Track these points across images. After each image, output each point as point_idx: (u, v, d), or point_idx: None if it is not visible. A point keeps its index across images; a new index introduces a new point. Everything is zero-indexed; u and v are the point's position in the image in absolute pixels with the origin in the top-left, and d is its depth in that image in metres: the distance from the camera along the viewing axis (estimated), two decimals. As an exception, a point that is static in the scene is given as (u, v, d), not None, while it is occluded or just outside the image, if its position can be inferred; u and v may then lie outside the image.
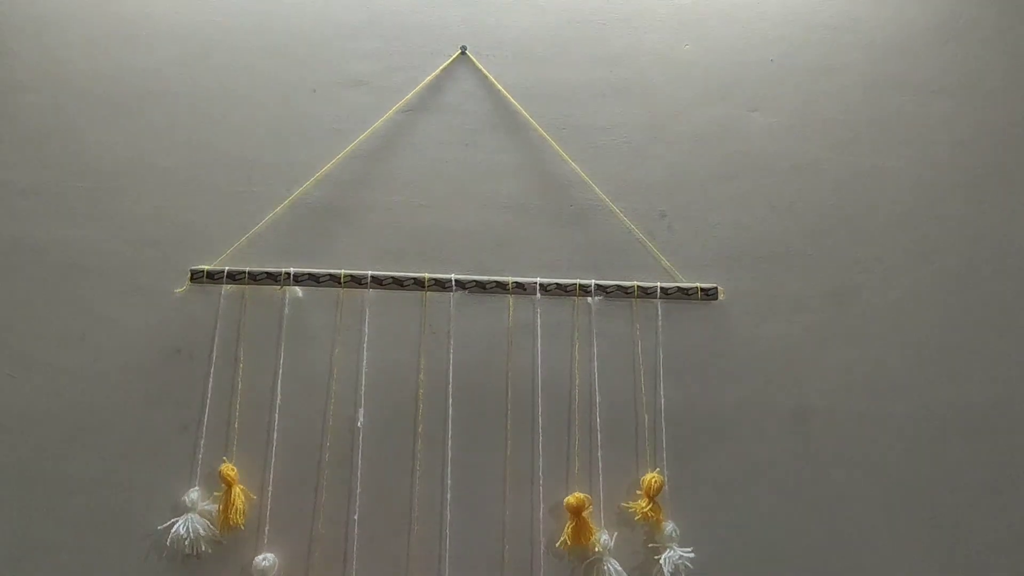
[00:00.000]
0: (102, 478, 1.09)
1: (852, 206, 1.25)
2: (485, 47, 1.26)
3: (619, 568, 1.08)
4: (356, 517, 1.10)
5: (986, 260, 1.24)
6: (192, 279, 1.15)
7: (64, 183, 1.18)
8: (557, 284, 1.17)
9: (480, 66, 1.25)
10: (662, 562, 1.08)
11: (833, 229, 1.24)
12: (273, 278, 1.15)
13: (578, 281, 1.17)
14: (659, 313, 1.18)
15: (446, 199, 1.21)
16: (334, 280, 1.16)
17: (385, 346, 1.16)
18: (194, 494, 1.08)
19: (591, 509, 1.11)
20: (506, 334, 1.17)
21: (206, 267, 1.15)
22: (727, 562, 1.12)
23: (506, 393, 1.15)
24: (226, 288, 1.16)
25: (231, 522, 1.07)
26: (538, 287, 1.17)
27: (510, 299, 1.17)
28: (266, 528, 1.09)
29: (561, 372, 1.16)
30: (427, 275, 1.16)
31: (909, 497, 1.16)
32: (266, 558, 1.07)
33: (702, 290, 1.18)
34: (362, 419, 1.13)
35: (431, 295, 1.17)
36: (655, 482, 1.11)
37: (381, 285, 1.16)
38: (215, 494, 1.09)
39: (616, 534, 1.11)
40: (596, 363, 1.16)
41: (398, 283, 1.16)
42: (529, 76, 1.25)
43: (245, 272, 1.15)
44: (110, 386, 1.12)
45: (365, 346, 1.15)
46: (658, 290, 1.18)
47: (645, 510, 1.10)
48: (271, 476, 1.10)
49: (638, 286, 1.17)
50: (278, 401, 1.13)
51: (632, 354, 1.17)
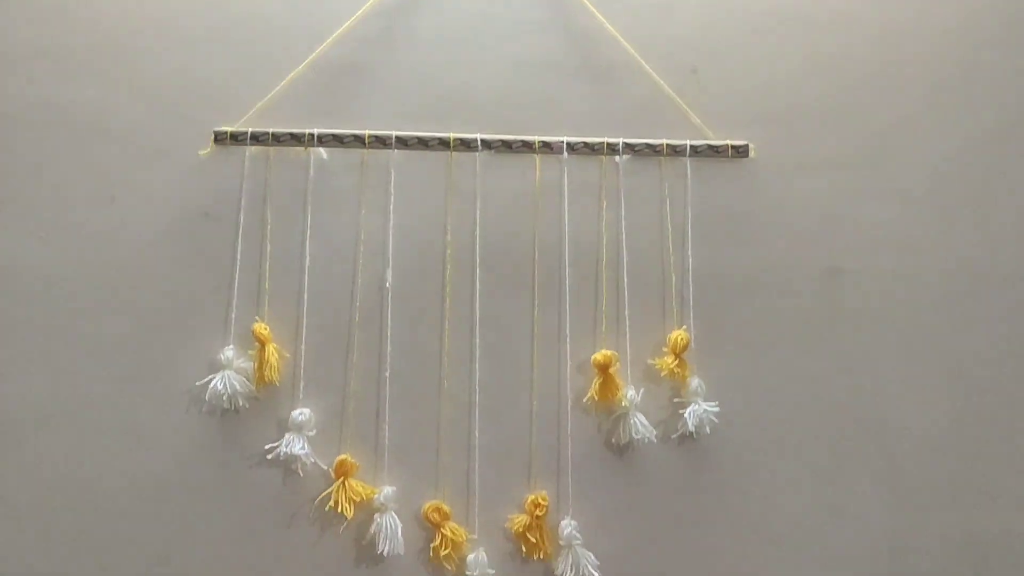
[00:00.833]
0: (139, 337, 1.12)
1: (891, 62, 1.20)
2: None
3: (645, 422, 1.10)
4: (387, 375, 1.12)
5: (1028, 116, 1.20)
6: (216, 141, 1.14)
7: (85, 44, 1.16)
8: (584, 143, 1.15)
9: (504, -85, 1.19)
10: (686, 416, 1.10)
11: (870, 85, 1.20)
12: (297, 139, 1.14)
13: (606, 139, 1.15)
14: (688, 171, 1.16)
15: (471, 57, 1.18)
16: (358, 141, 1.14)
17: (411, 207, 1.15)
18: (229, 352, 1.11)
19: (618, 366, 1.12)
20: (533, 194, 1.15)
21: (229, 129, 1.13)
22: (751, 416, 1.13)
23: (533, 253, 1.15)
24: (250, 150, 1.15)
25: (266, 379, 1.10)
26: (565, 146, 1.15)
27: (537, 159, 1.15)
28: (301, 384, 1.11)
29: (588, 232, 1.15)
30: (452, 135, 1.14)
31: (935, 353, 1.16)
32: (302, 412, 1.10)
33: (733, 147, 1.15)
34: (390, 280, 1.13)
35: (457, 155, 1.15)
36: (682, 340, 1.12)
37: (406, 146, 1.15)
38: (249, 352, 1.11)
39: (643, 390, 1.12)
40: (624, 223, 1.15)
41: (423, 143, 1.15)
42: (555, -75, 1.19)
43: (268, 133, 1.14)
44: (141, 248, 1.13)
45: (391, 208, 1.15)
46: (687, 148, 1.15)
47: (671, 367, 1.11)
48: (303, 335, 1.12)
49: (667, 144, 1.15)
50: (307, 263, 1.13)
51: (660, 213, 1.16)
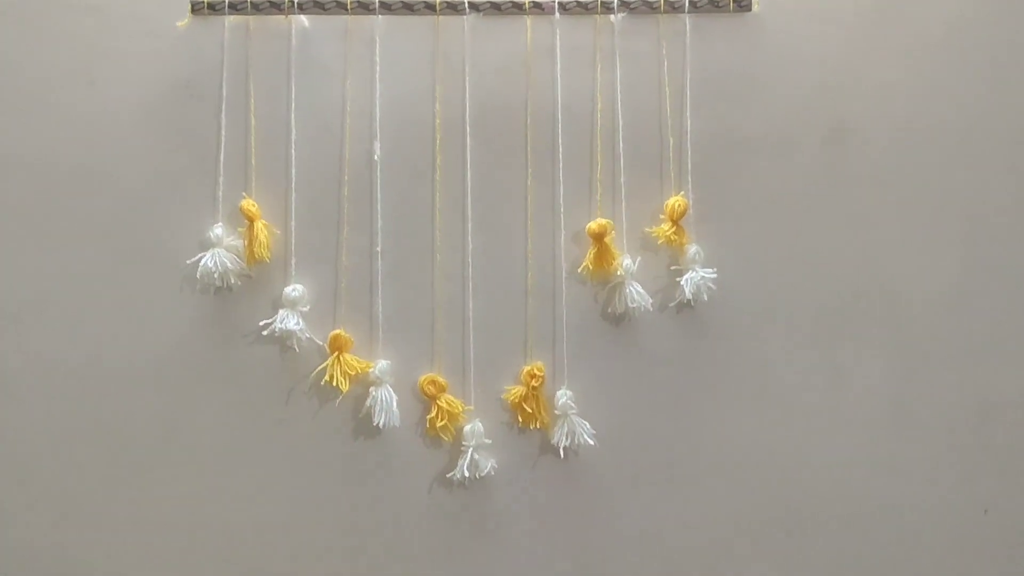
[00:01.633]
0: (129, 218, 1.11)
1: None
2: None
3: (641, 291, 1.08)
4: (379, 249, 1.10)
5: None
6: (193, 11, 1.09)
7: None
8: (577, 2, 1.09)
9: None
10: (683, 283, 1.08)
11: (885, -70, 1.11)
12: (277, 7, 1.09)
13: (600, -3, 1.09)
14: (687, 28, 1.10)
15: (455, -89, 1.11)
16: (341, 7, 1.09)
17: (398, 77, 1.11)
18: (218, 230, 1.09)
19: (613, 235, 1.09)
20: (524, 59, 1.10)
21: (205, -2, 1.09)
22: (751, 282, 1.11)
23: (525, 120, 1.10)
24: (229, 19, 1.10)
25: (256, 256, 1.08)
26: (557, 6, 1.09)
27: (527, 20, 1.10)
28: (292, 261, 1.10)
29: (582, 97, 1.11)
30: (438, -2, 1.09)
31: (945, 215, 1.11)
32: (295, 288, 1.09)
33: (734, 0, 1.09)
34: (378, 152, 1.10)
35: (444, 19, 1.10)
36: (679, 206, 1.08)
37: (390, 10, 1.10)
38: (239, 230, 1.10)
39: (639, 259, 1.10)
40: (619, 86, 1.10)
41: (408, 7, 1.10)
42: None
43: (247, 1, 1.09)
44: (124, 127, 1.11)
45: (378, 77, 1.11)
46: (686, 3, 1.09)
47: (668, 234, 1.08)
48: (293, 211, 1.10)
49: (664, 0, 1.09)
50: (293, 136, 1.10)
51: (658, 75, 1.11)
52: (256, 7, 1.10)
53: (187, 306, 1.11)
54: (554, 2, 1.09)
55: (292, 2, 1.09)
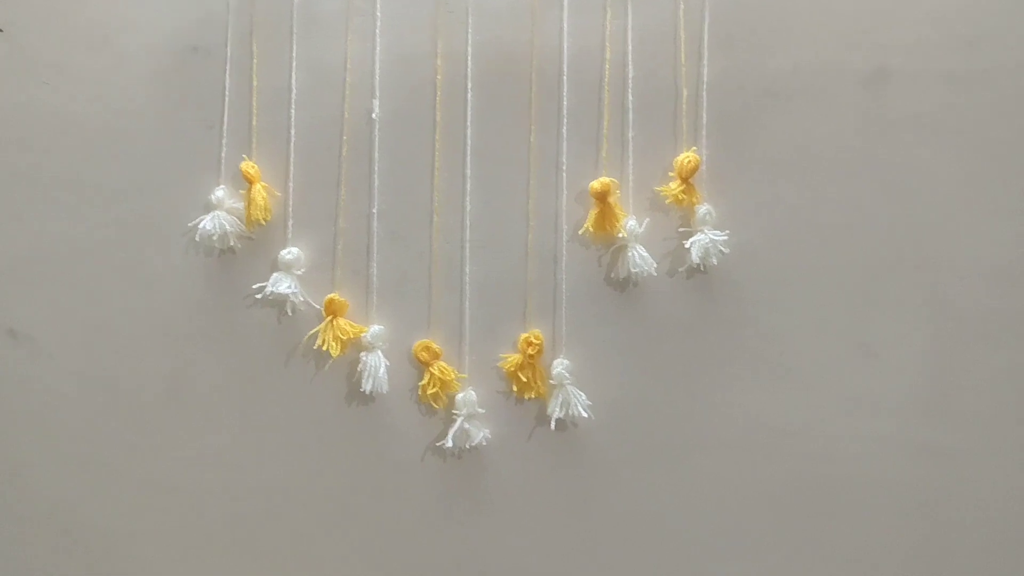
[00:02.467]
0: (138, 181, 1.11)
1: None
2: None
3: (644, 254, 1.00)
4: (375, 211, 1.07)
5: None
6: (201, -30, 1.09)
7: None
8: (585, -59, 1.01)
9: None
10: (688, 246, 0.98)
11: None
12: (278, -38, 1.07)
13: (608, -65, 1.01)
14: (705, -35, 1.00)
15: None
16: (341, -40, 1.06)
17: (400, 30, 1.07)
18: (220, 192, 1.09)
19: (618, 194, 1.01)
20: (529, 5, 1.04)
21: (208, -46, 1.08)
22: (773, 246, 1.00)
23: (530, 73, 1.04)
24: (235, -22, 1.09)
25: (253, 218, 1.07)
26: (563, -54, 1.02)
27: (533, -37, 1.03)
28: (289, 223, 1.08)
29: (591, 46, 1.03)
30: (438, -57, 1.04)
31: (999, 170, 0.97)
32: (291, 251, 1.07)
33: (755, -69, 0.98)
34: (377, 110, 1.07)
35: (446, -32, 1.05)
36: (689, 162, 0.99)
37: (391, -39, 1.05)
38: (241, 192, 1.09)
39: (648, 220, 1.01)
40: (630, 33, 1.02)
41: (408, -43, 1.05)
42: None
43: (250, -42, 1.08)
44: (134, 89, 1.12)
45: (378, 32, 1.07)
46: (703, -64, 0.99)
47: (675, 192, 0.99)
48: (292, 172, 1.08)
49: (680, -66, 0.99)
50: (294, 96, 1.08)
51: (673, 17, 1.01)
52: (260, -36, 1.08)
53: (192, 268, 1.11)
54: (561, -57, 1.02)
55: (294, -43, 1.06)
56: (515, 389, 1.03)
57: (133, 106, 1.12)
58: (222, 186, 1.09)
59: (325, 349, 1.05)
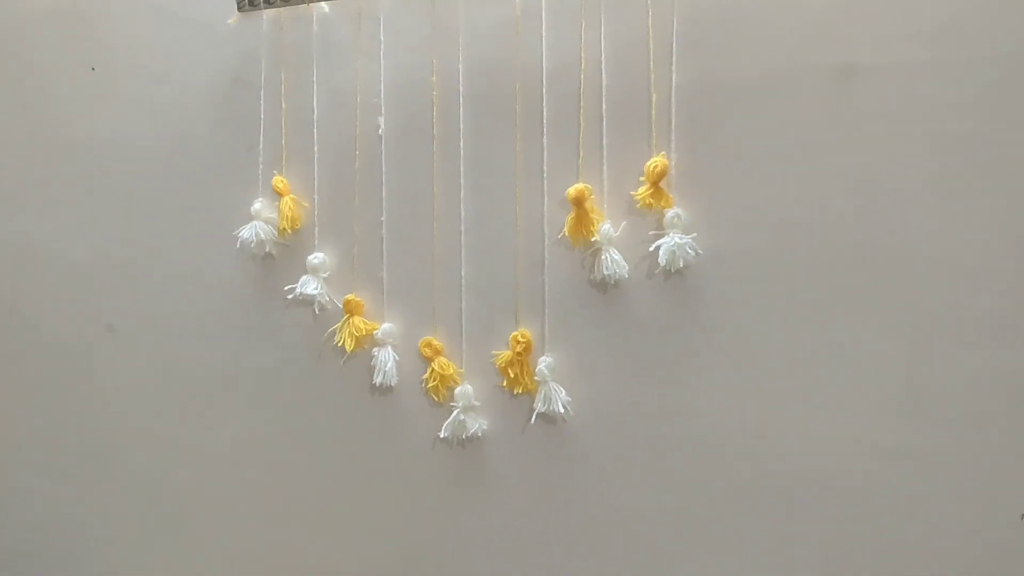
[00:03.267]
0: (192, 196, 1.29)
1: None
2: None
3: (617, 257, 1.05)
4: (383, 219, 1.18)
5: None
6: (239, 8, 1.23)
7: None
8: (561, -44, 1.06)
9: None
10: (653, 249, 1.02)
11: None
12: (301, -4, 1.19)
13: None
14: (672, -32, 1.02)
15: None
16: (351, -10, 1.16)
17: (400, 51, 1.16)
18: (258, 204, 1.24)
19: (594, 199, 1.06)
20: (514, 23, 1.10)
21: (245, -4, 1.22)
22: (745, 247, 1.01)
23: (515, 86, 1.10)
24: (267, 14, 1.23)
25: (282, 227, 1.21)
26: (541, -37, 1.07)
27: (515, -20, 1.09)
28: (316, 231, 1.22)
29: (569, 58, 1.08)
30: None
31: (970, 165, 0.93)
32: (316, 256, 1.21)
33: (715, -64, 0.99)
34: (383, 126, 1.17)
35: (441, -8, 1.13)
36: (657, 167, 1.02)
37: (394, -12, 1.15)
38: (276, 204, 1.23)
39: (624, 224, 1.06)
40: (604, 43, 1.06)
41: (406, -17, 1.14)
42: None
43: (278, -6, 1.21)
44: (188, 116, 1.29)
45: (382, 53, 1.17)
46: (667, -56, 1.01)
47: (644, 195, 1.03)
48: (316, 185, 1.21)
49: (649, -58, 1.02)
50: (316, 116, 1.21)
51: (644, 26, 1.04)
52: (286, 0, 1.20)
53: (240, 272, 1.27)
54: (541, -41, 1.07)
55: (313, -10, 1.18)
56: (505, 384, 1.12)
57: (187, 131, 1.29)
58: (260, 199, 1.24)
59: (341, 345, 1.18)
